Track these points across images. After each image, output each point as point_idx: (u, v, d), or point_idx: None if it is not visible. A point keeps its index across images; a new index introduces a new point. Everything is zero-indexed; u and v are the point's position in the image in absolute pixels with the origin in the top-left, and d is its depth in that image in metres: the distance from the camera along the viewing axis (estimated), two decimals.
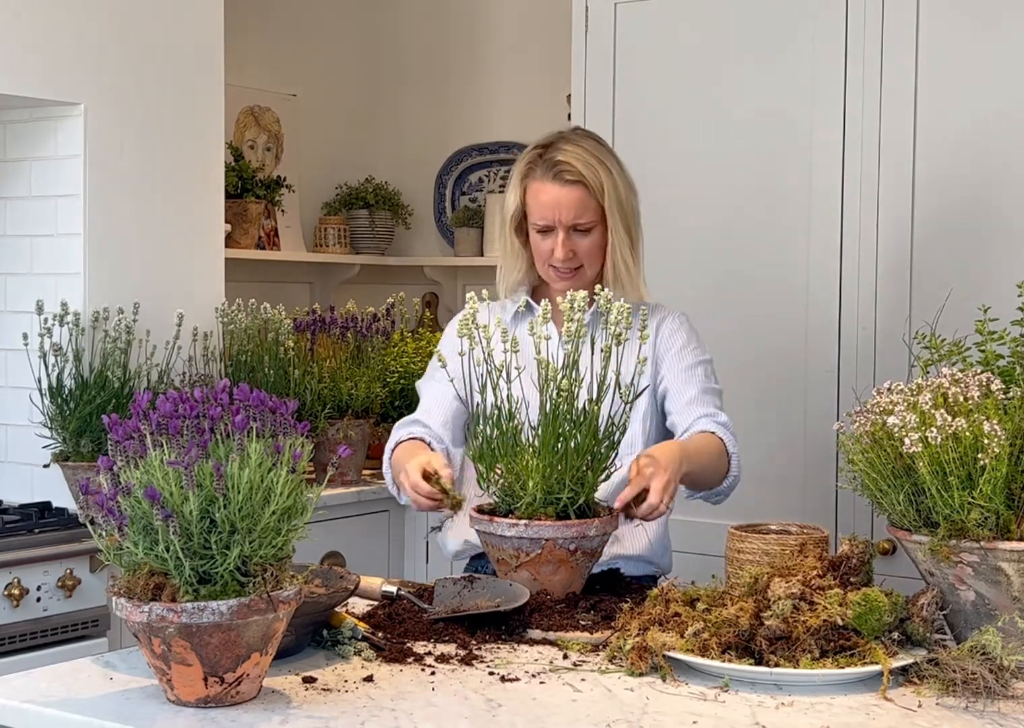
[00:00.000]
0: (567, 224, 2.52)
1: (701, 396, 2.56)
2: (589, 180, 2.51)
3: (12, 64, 3.30)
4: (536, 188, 2.53)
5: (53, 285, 3.45)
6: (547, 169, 2.52)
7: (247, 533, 1.69)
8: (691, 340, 2.63)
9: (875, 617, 1.86)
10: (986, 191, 3.25)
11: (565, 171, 2.51)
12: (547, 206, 2.51)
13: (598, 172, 2.52)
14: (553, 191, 2.51)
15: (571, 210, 2.51)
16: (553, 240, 2.53)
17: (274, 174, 4.62)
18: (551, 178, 2.51)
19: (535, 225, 2.55)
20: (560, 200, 2.51)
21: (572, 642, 2.02)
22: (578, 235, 2.53)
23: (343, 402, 3.76)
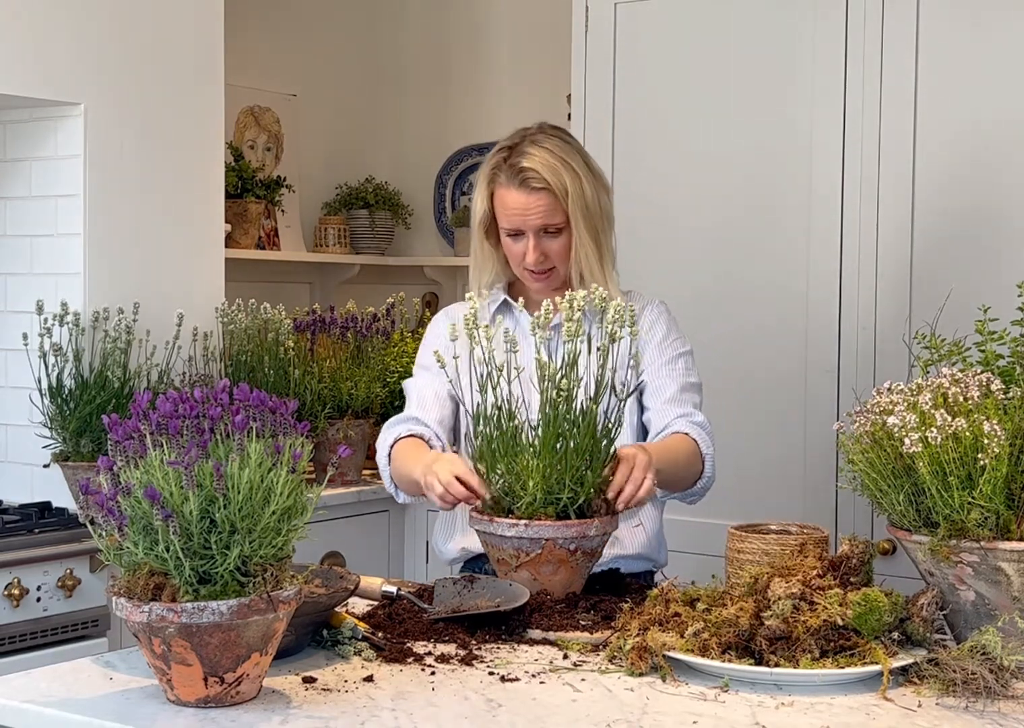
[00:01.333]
0: (536, 228, 2.51)
1: (679, 395, 2.56)
2: (554, 186, 2.49)
3: (12, 64, 3.30)
4: (502, 195, 2.52)
5: (53, 285, 3.45)
6: (512, 176, 2.50)
7: (247, 533, 1.69)
8: (670, 332, 2.62)
9: (875, 617, 1.86)
10: (986, 191, 3.25)
11: (531, 178, 2.49)
12: (515, 213, 2.51)
13: (563, 176, 2.50)
14: (520, 198, 2.50)
15: (538, 216, 2.50)
16: (524, 244, 2.53)
17: (274, 174, 4.62)
18: (516, 185, 2.50)
19: (504, 230, 2.55)
20: (528, 207, 2.50)
21: (572, 642, 2.02)
22: (548, 237, 2.53)
23: (343, 402, 3.77)
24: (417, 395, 2.60)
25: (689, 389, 2.58)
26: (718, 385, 2.66)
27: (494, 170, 2.54)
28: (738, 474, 3.34)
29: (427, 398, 2.58)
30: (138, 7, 3.54)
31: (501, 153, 2.54)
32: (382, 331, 3.90)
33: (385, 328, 3.92)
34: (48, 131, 3.48)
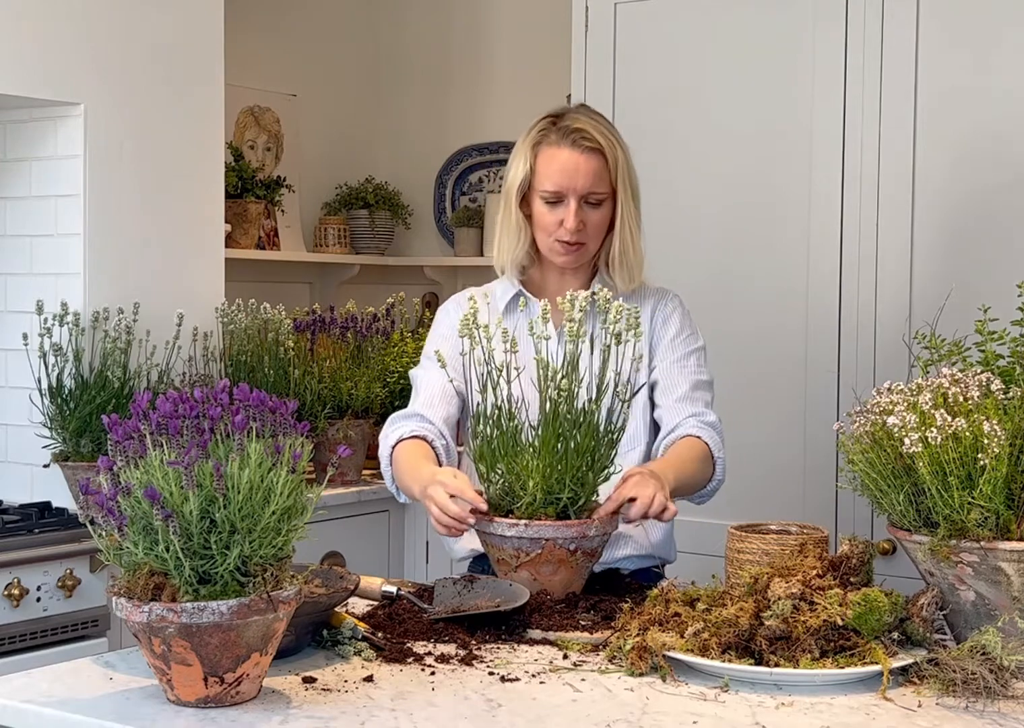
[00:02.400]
0: (581, 193, 2.44)
1: (691, 393, 2.53)
2: (606, 150, 2.45)
3: (12, 64, 3.30)
4: (551, 153, 2.45)
5: (53, 285, 3.45)
6: (564, 135, 2.44)
7: (247, 533, 1.69)
8: (684, 327, 2.59)
9: (875, 617, 1.86)
10: (986, 191, 3.25)
11: (584, 138, 2.44)
12: (562, 172, 2.44)
13: (614, 144, 2.46)
14: (572, 157, 2.43)
15: (588, 177, 2.44)
16: (563, 210, 2.45)
17: (274, 174, 4.62)
18: (569, 144, 2.44)
19: (544, 193, 2.46)
20: (578, 166, 2.43)
21: (572, 642, 2.02)
22: (588, 207, 2.46)
23: (343, 402, 3.76)
24: (426, 390, 2.53)
25: (701, 387, 2.55)
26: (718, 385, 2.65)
27: (542, 132, 2.47)
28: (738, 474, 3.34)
29: (435, 394, 2.51)
30: (138, 7, 3.54)
31: (547, 119, 2.49)
32: (382, 331, 3.90)
33: (385, 328, 3.92)
34: (48, 131, 3.48)
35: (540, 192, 2.47)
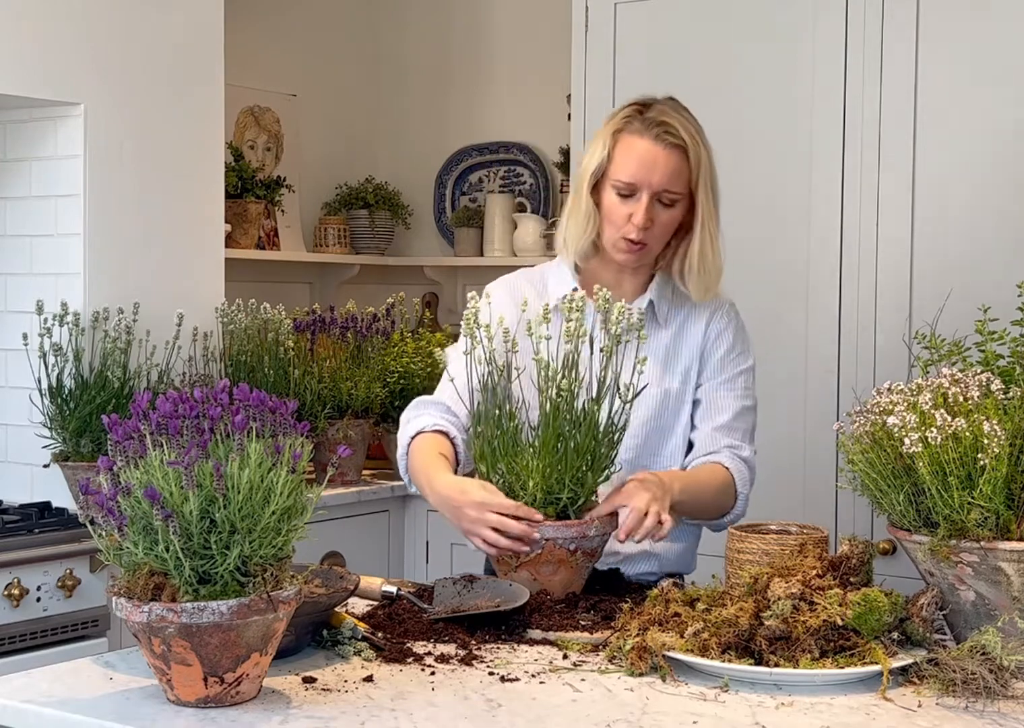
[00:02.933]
0: (655, 189, 2.34)
1: (731, 422, 2.46)
2: (690, 148, 2.35)
3: (12, 64, 3.30)
4: (631, 142, 2.35)
5: (53, 285, 3.45)
6: (648, 126, 2.34)
7: (247, 533, 1.69)
8: (736, 343, 2.50)
9: (875, 617, 1.86)
10: (986, 191, 3.25)
11: (669, 132, 2.33)
12: (641, 163, 2.33)
13: (699, 143, 2.36)
14: (652, 149, 2.33)
15: (665, 174, 2.33)
16: (634, 204, 2.34)
17: (274, 174, 4.62)
18: (652, 136, 2.33)
19: (618, 183, 2.35)
20: (657, 160, 2.33)
21: (572, 642, 2.02)
22: (660, 206, 2.36)
23: (343, 402, 3.76)
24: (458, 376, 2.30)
25: (743, 414, 2.49)
26: None
27: (626, 119, 2.37)
28: None
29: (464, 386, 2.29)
30: (138, 7, 3.54)
31: (634, 106, 2.39)
32: (382, 331, 3.90)
33: (385, 328, 3.92)
34: (48, 131, 3.48)
35: (613, 181, 2.36)
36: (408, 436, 2.39)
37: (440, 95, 4.96)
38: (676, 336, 2.49)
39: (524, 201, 4.78)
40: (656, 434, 2.47)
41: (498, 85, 4.84)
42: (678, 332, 2.49)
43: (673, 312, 2.50)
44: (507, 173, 4.84)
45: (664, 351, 2.48)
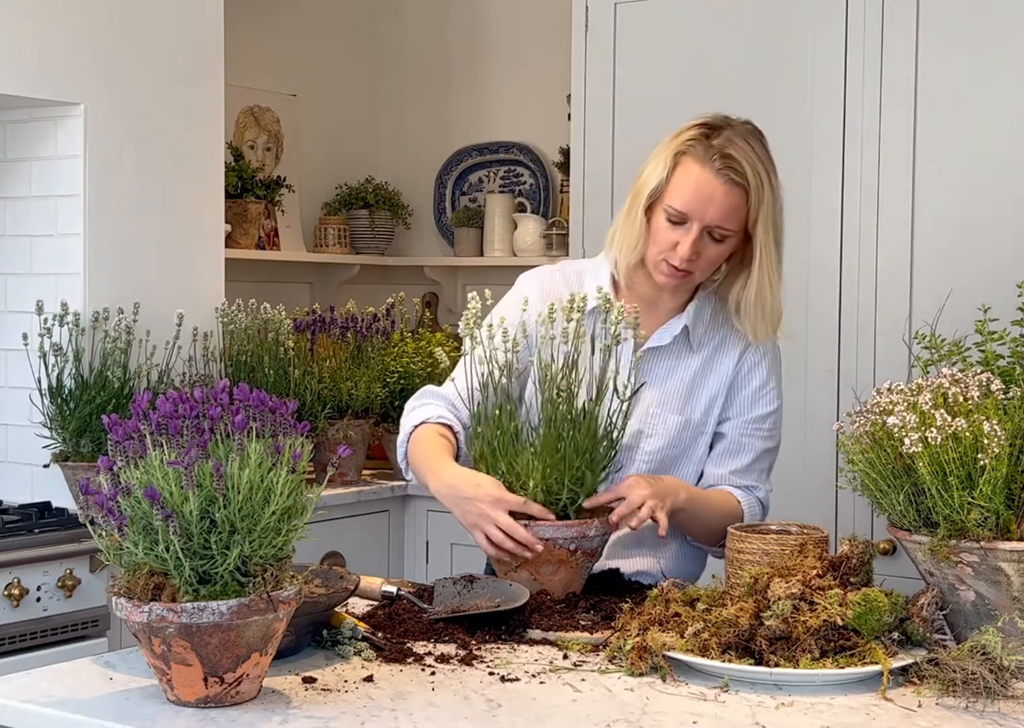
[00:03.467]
0: (707, 223, 2.25)
1: (751, 465, 2.43)
2: (752, 188, 2.24)
3: (12, 64, 3.30)
4: (690, 169, 2.25)
5: (53, 285, 3.45)
6: (711, 156, 2.24)
7: (247, 533, 1.69)
8: (768, 380, 2.43)
9: (875, 617, 1.86)
10: (986, 191, 3.25)
11: (731, 168, 2.24)
12: (697, 195, 2.24)
13: (763, 182, 2.26)
14: (710, 183, 2.23)
15: (720, 211, 2.24)
16: (682, 234, 2.26)
17: (274, 174, 4.62)
18: (713, 169, 2.23)
19: (670, 210, 2.27)
20: (714, 195, 2.23)
21: (572, 642, 2.02)
22: (710, 239, 2.27)
23: (343, 402, 3.76)
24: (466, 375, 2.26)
25: (764, 456, 2.45)
26: None
27: (690, 142, 2.27)
28: None
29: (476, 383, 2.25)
30: (138, 7, 3.54)
31: (699, 128, 2.29)
32: (382, 331, 3.89)
33: (385, 328, 3.92)
34: (48, 131, 3.48)
35: (666, 206, 2.28)
36: (412, 424, 2.37)
37: (440, 95, 4.97)
38: (706, 363, 2.43)
39: (524, 201, 4.78)
40: (671, 461, 2.43)
41: (498, 85, 4.84)
42: (708, 359, 2.43)
43: (708, 337, 2.43)
44: (507, 173, 4.84)
45: (692, 378, 2.42)
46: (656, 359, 2.40)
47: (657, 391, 2.39)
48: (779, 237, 2.33)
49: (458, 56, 4.93)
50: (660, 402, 2.40)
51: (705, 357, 2.43)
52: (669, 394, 2.41)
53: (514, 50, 4.81)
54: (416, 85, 5.01)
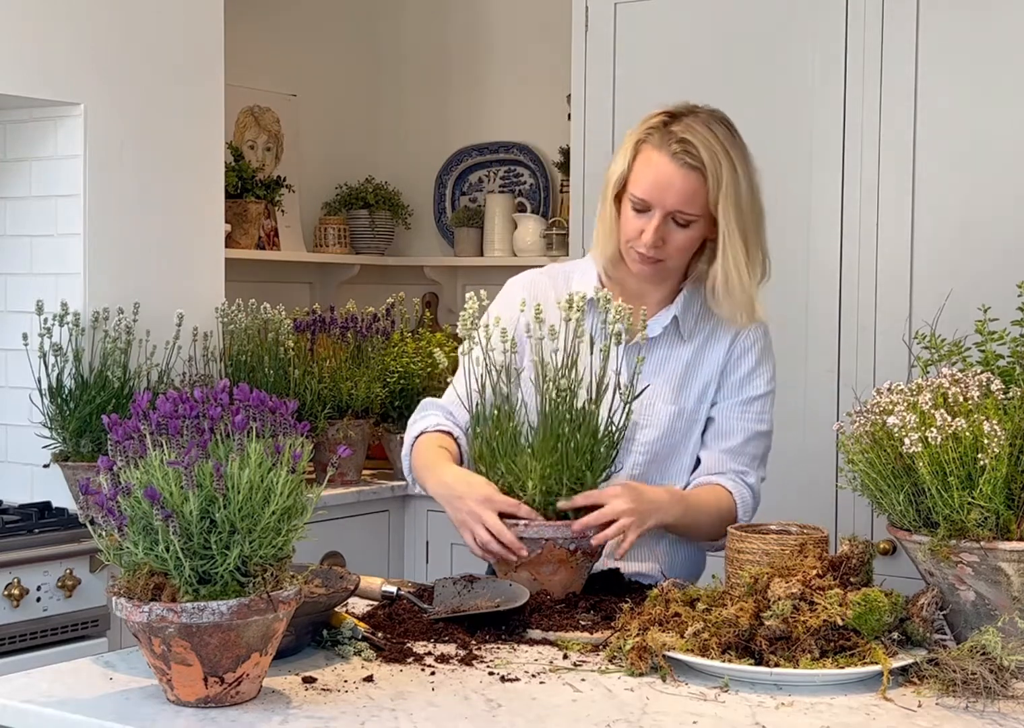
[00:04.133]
0: (668, 209, 2.27)
1: (742, 447, 2.42)
2: (708, 170, 2.25)
3: (12, 64, 3.30)
4: (648, 157, 2.28)
5: (53, 285, 3.45)
6: (668, 141, 2.26)
7: (247, 533, 1.69)
8: (759, 365, 2.44)
9: (875, 617, 1.86)
10: (986, 191, 3.25)
11: (687, 152, 2.25)
12: (656, 183, 2.26)
13: (721, 164, 2.26)
14: (667, 169, 2.25)
15: (679, 196, 2.26)
16: (646, 221, 2.29)
17: (274, 174, 4.62)
18: (669, 154, 2.25)
19: (633, 198, 2.30)
20: (672, 181, 2.25)
21: (572, 642, 2.02)
22: (675, 226, 2.29)
23: (343, 402, 3.76)
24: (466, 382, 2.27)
25: (755, 439, 2.44)
26: None
27: (650, 130, 2.29)
28: None
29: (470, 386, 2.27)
30: (138, 7, 3.54)
31: (661, 116, 2.31)
32: (382, 331, 3.90)
33: (385, 328, 3.92)
34: (48, 131, 3.48)
35: (629, 195, 2.31)
36: (412, 436, 2.41)
37: (440, 95, 4.97)
38: (697, 352, 2.44)
39: (524, 201, 4.78)
40: (666, 452, 2.44)
41: (498, 85, 4.84)
42: (700, 348, 2.44)
43: (699, 327, 2.44)
44: (507, 173, 4.84)
45: (684, 368, 2.43)
46: (647, 350, 2.38)
47: (650, 382, 2.38)
48: (747, 221, 2.33)
49: (458, 56, 4.93)
50: (653, 393, 2.39)
51: (697, 346, 2.44)
52: (662, 384, 2.41)
53: (514, 50, 4.81)
54: (416, 85, 5.01)
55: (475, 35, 4.90)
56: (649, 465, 2.42)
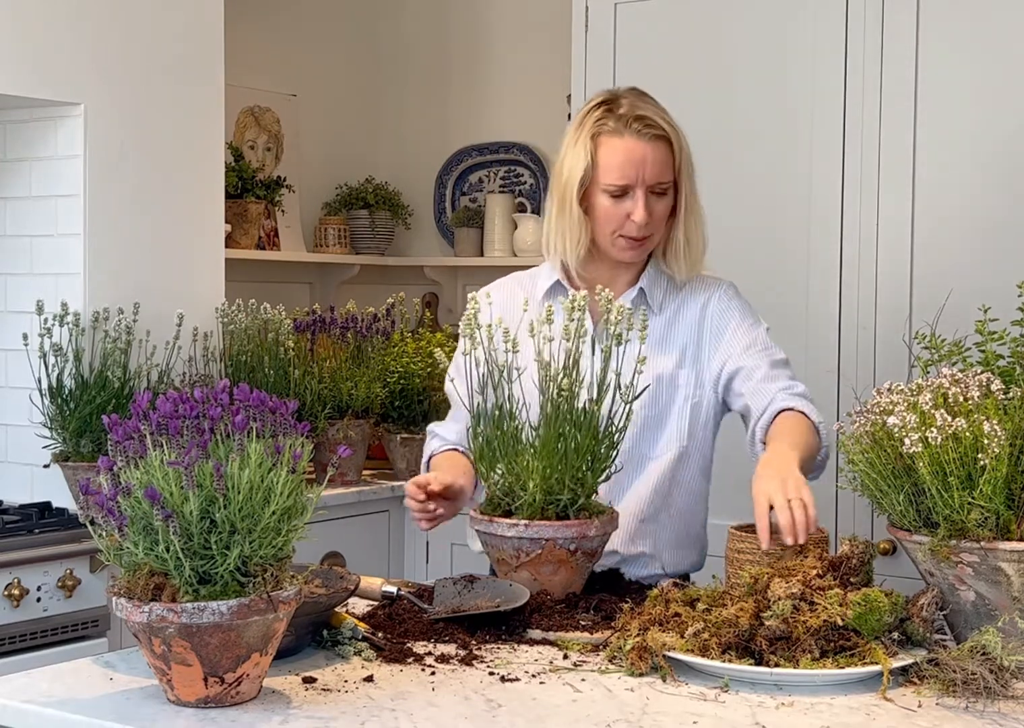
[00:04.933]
0: (649, 183, 2.34)
1: (771, 371, 2.42)
2: (672, 137, 2.34)
3: (12, 64, 3.30)
4: (613, 145, 2.33)
5: (53, 285, 3.45)
6: (626, 123, 2.32)
7: (247, 533, 1.69)
8: (745, 315, 2.48)
9: (875, 617, 1.86)
10: (986, 191, 3.25)
11: (649, 125, 2.33)
12: (629, 162, 2.32)
13: (677, 130, 2.36)
14: (638, 147, 2.32)
15: (655, 167, 2.33)
16: (631, 203, 2.34)
17: (274, 174, 4.62)
18: (634, 133, 2.32)
19: (609, 187, 2.35)
20: (645, 156, 2.32)
21: (572, 642, 2.02)
22: (654, 197, 2.36)
23: (343, 402, 3.76)
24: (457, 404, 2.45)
25: (778, 365, 2.45)
26: None
27: (600, 121, 2.35)
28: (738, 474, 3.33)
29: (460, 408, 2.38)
30: (138, 7, 3.54)
31: (599, 107, 2.37)
32: (382, 331, 3.90)
33: (385, 328, 3.92)
34: (48, 131, 3.48)
35: (604, 185, 2.35)
36: (424, 462, 2.52)
37: (440, 95, 4.97)
38: (670, 322, 2.48)
39: (524, 201, 4.78)
40: (654, 421, 2.46)
41: (498, 85, 4.84)
42: (672, 318, 2.48)
43: (668, 299, 2.50)
44: (507, 173, 4.84)
45: (658, 337, 2.46)
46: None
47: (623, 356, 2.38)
48: (694, 179, 2.43)
49: (458, 56, 4.93)
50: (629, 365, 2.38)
51: (668, 317, 2.48)
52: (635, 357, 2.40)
53: (514, 50, 4.80)
54: (416, 85, 5.01)
55: (475, 35, 4.90)
56: (640, 436, 2.43)
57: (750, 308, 2.53)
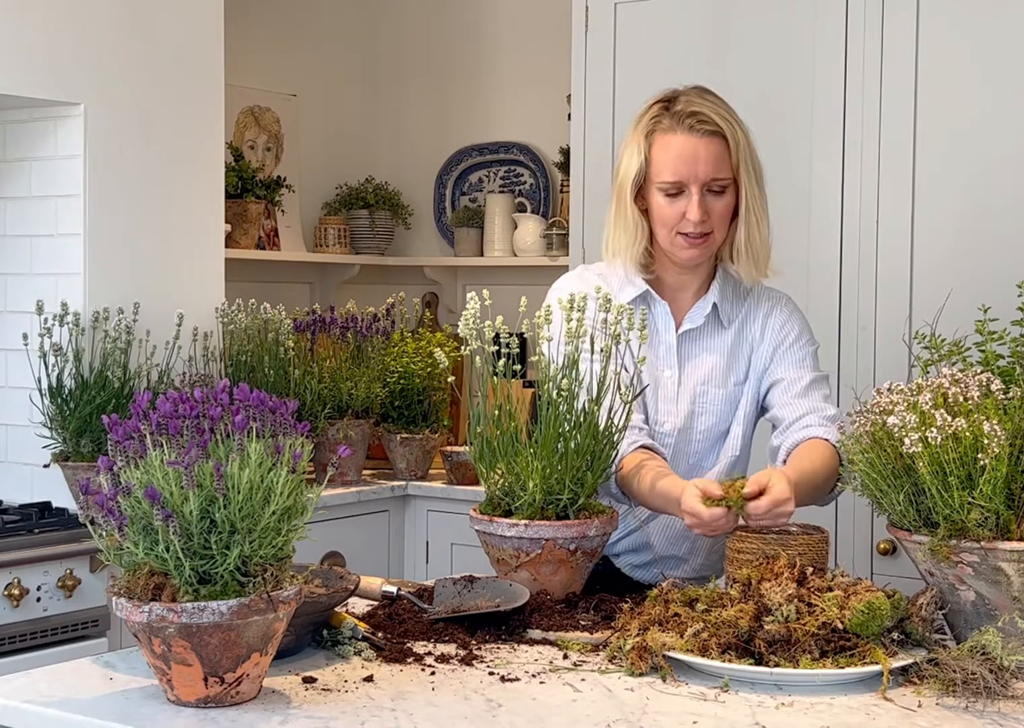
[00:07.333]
0: (703, 180, 2.31)
1: (808, 389, 2.43)
2: (727, 132, 2.31)
3: (12, 64, 3.30)
4: (667, 141, 2.31)
5: (53, 285, 3.45)
6: (679, 120, 2.31)
7: (247, 533, 1.69)
8: (803, 331, 2.49)
9: (877, 623, 1.86)
10: (986, 191, 3.25)
11: (702, 121, 2.30)
12: (681, 159, 2.30)
13: (734, 125, 2.33)
14: (689, 143, 2.30)
15: (709, 164, 2.30)
16: (685, 201, 2.32)
17: (274, 174, 4.62)
18: (686, 129, 2.30)
19: (663, 185, 2.33)
20: (697, 152, 2.30)
21: (572, 642, 2.02)
22: (711, 196, 2.33)
23: (343, 402, 3.76)
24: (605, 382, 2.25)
25: (818, 382, 2.46)
26: None
27: (654, 118, 2.34)
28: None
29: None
30: (138, 7, 3.54)
31: (656, 105, 2.36)
32: (382, 331, 3.90)
33: (385, 328, 3.92)
34: (48, 131, 3.48)
35: (658, 184, 2.34)
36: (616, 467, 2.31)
37: (440, 95, 4.97)
38: (736, 335, 2.48)
39: (524, 201, 4.78)
40: (719, 436, 2.47)
41: (498, 85, 4.84)
42: (738, 331, 2.48)
43: (735, 311, 2.49)
44: (507, 173, 4.84)
45: (728, 352, 2.47)
46: (693, 340, 2.45)
47: (700, 370, 2.44)
48: (760, 176, 2.40)
49: (458, 56, 4.93)
50: (705, 380, 2.44)
51: (735, 330, 2.48)
52: (711, 371, 2.45)
53: (514, 50, 4.81)
54: (416, 85, 5.01)
55: (475, 35, 4.90)
56: (708, 450, 2.45)
57: (807, 323, 2.53)
